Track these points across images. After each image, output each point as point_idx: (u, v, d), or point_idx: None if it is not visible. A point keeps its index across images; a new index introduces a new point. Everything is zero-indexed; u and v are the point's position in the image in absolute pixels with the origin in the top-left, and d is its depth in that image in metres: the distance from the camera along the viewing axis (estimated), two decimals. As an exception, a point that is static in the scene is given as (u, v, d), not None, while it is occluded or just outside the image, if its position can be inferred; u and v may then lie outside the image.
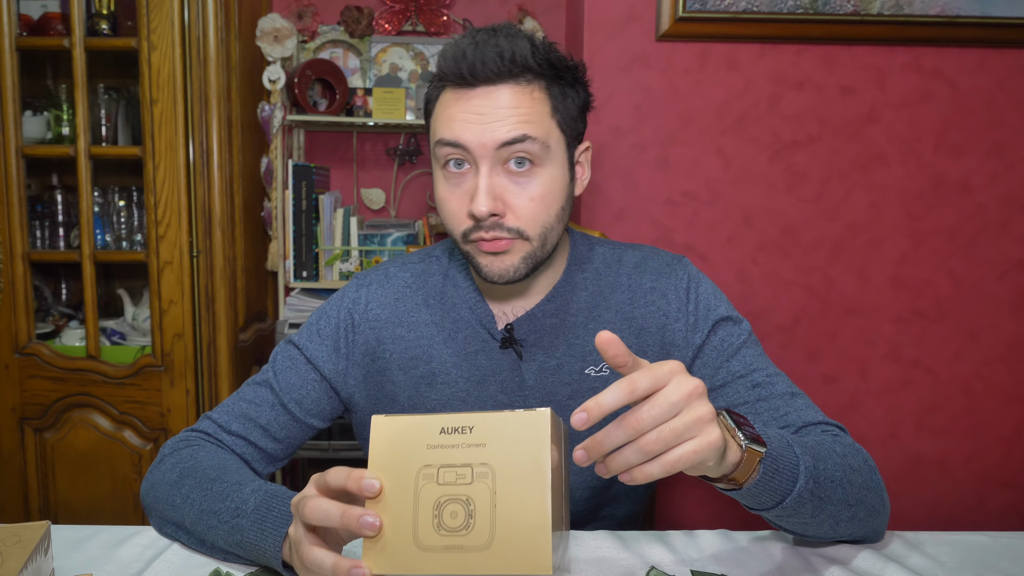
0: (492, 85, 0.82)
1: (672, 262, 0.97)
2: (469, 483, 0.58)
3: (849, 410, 1.90)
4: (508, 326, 0.92)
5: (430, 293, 0.96)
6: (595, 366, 0.92)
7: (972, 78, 1.79)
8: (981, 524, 1.90)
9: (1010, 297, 1.86)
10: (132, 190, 1.94)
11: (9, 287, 1.76)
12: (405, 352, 0.94)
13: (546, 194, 0.84)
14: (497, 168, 0.83)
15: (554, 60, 0.84)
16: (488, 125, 0.81)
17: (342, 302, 0.97)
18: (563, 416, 0.92)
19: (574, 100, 0.88)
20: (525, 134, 0.81)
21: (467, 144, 0.82)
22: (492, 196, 0.82)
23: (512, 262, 0.85)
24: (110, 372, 1.78)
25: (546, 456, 0.57)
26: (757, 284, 1.85)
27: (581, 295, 0.94)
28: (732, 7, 1.72)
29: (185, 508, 0.79)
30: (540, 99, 0.83)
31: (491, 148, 0.81)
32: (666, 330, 0.93)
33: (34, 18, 1.84)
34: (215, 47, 1.73)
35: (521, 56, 0.81)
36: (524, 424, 0.58)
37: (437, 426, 0.59)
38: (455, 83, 0.83)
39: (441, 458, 0.59)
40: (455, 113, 0.83)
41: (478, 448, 0.58)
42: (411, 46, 2.18)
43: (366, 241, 2.12)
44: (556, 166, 0.85)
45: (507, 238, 0.84)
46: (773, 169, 1.82)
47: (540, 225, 0.84)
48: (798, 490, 0.67)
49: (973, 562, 0.80)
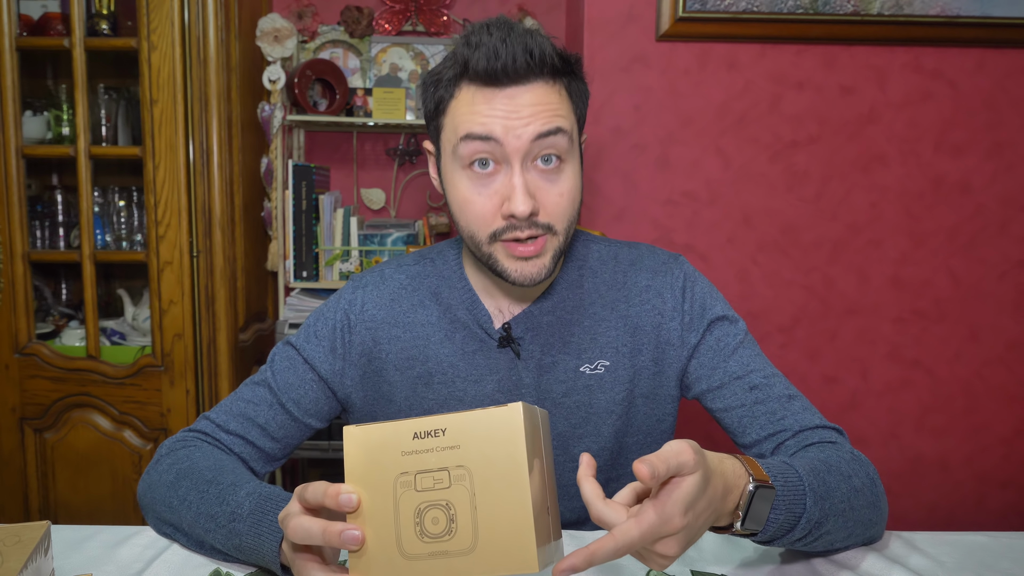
0: (522, 84, 0.81)
1: (668, 260, 0.97)
2: (447, 487, 0.58)
3: (849, 410, 1.90)
4: (505, 325, 0.92)
5: (426, 294, 0.96)
6: (590, 364, 0.92)
7: (972, 78, 1.79)
8: (981, 524, 1.90)
9: (1010, 297, 1.86)
10: (132, 190, 1.94)
11: (9, 287, 1.76)
12: (401, 352, 0.94)
13: (572, 189, 0.85)
14: (528, 165, 0.82)
15: (567, 56, 0.85)
16: (521, 120, 0.80)
17: (338, 304, 0.97)
18: (559, 415, 0.92)
19: (585, 94, 0.89)
20: (559, 127, 0.81)
21: (500, 138, 0.80)
22: (528, 194, 0.81)
23: (544, 263, 0.85)
24: (110, 372, 1.78)
25: (521, 451, 0.57)
26: (757, 284, 1.85)
27: (576, 293, 0.94)
28: (732, 7, 1.72)
29: (182, 510, 0.79)
30: (563, 95, 0.84)
31: (525, 142, 0.81)
32: (661, 329, 0.93)
33: (34, 18, 1.84)
34: (215, 47, 1.73)
35: (549, 55, 0.82)
36: (496, 421, 0.57)
37: (410, 431, 0.59)
38: (482, 81, 0.81)
39: (417, 464, 0.58)
40: (483, 109, 0.81)
41: (452, 451, 0.58)
42: (411, 46, 2.18)
43: (366, 241, 2.12)
44: (576, 160, 0.87)
45: (541, 235, 0.84)
46: (773, 169, 1.82)
47: (567, 219, 0.85)
48: (800, 530, 0.72)
49: (973, 562, 0.80)
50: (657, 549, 0.59)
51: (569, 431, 0.93)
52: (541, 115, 0.81)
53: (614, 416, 0.93)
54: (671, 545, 0.59)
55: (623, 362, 0.93)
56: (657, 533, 0.58)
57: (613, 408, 0.93)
